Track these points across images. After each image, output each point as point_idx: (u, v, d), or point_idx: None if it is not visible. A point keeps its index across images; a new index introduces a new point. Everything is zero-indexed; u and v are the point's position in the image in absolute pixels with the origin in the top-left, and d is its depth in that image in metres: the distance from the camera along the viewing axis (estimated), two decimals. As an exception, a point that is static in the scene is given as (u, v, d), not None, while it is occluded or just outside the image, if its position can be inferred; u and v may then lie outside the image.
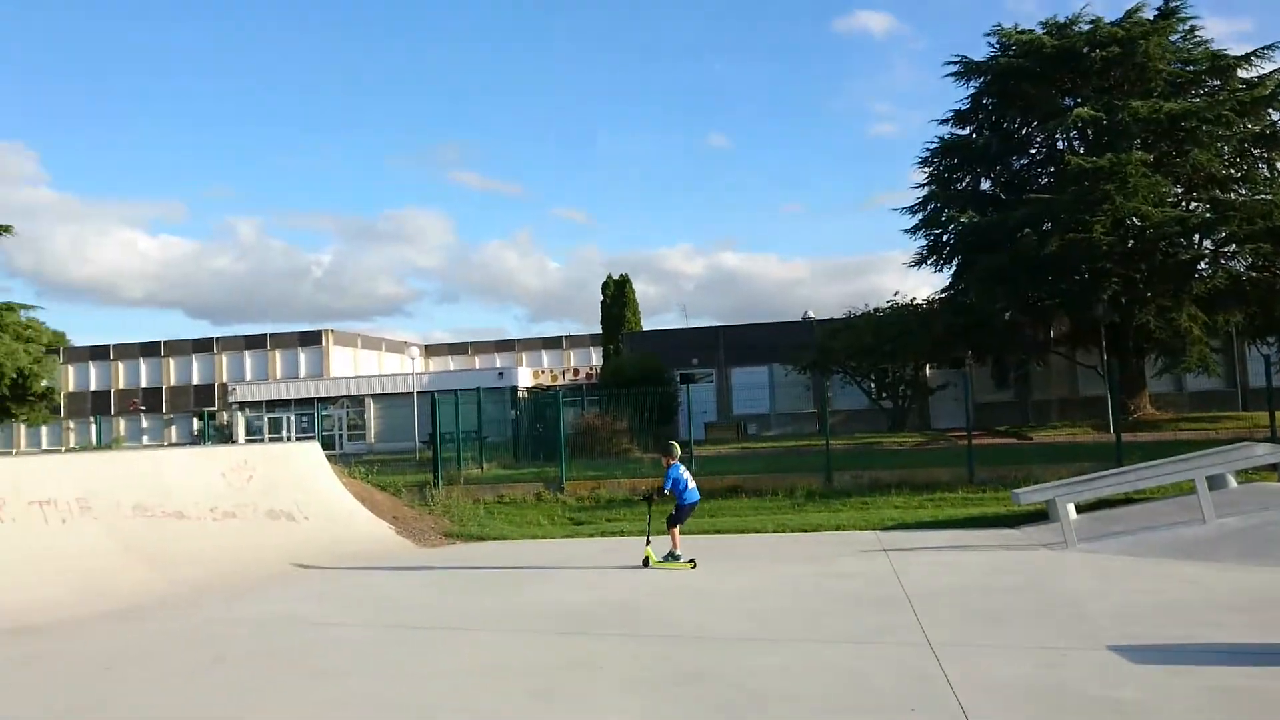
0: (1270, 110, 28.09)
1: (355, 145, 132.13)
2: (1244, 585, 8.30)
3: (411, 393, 40.45)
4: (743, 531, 13.74)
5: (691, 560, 10.45)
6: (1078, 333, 30.44)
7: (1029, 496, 12.55)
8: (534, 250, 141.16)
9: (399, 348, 62.56)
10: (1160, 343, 28.06)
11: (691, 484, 10.85)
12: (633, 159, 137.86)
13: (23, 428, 51.43)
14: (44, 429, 52.94)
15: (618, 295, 45.28)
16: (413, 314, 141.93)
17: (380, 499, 16.06)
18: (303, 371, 55.48)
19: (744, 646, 6.95)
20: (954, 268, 32.78)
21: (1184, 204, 28.56)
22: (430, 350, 67.85)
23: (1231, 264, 28.36)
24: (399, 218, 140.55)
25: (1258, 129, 28.06)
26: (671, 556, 10.53)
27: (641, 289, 45.15)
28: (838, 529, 13.48)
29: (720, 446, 28.36)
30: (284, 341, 57.18)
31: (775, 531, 13.59)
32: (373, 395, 48.46)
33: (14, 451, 49.40)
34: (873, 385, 34.66)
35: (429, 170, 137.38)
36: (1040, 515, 12.84)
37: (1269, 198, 26.92)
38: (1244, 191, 28.35)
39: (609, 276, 45.98)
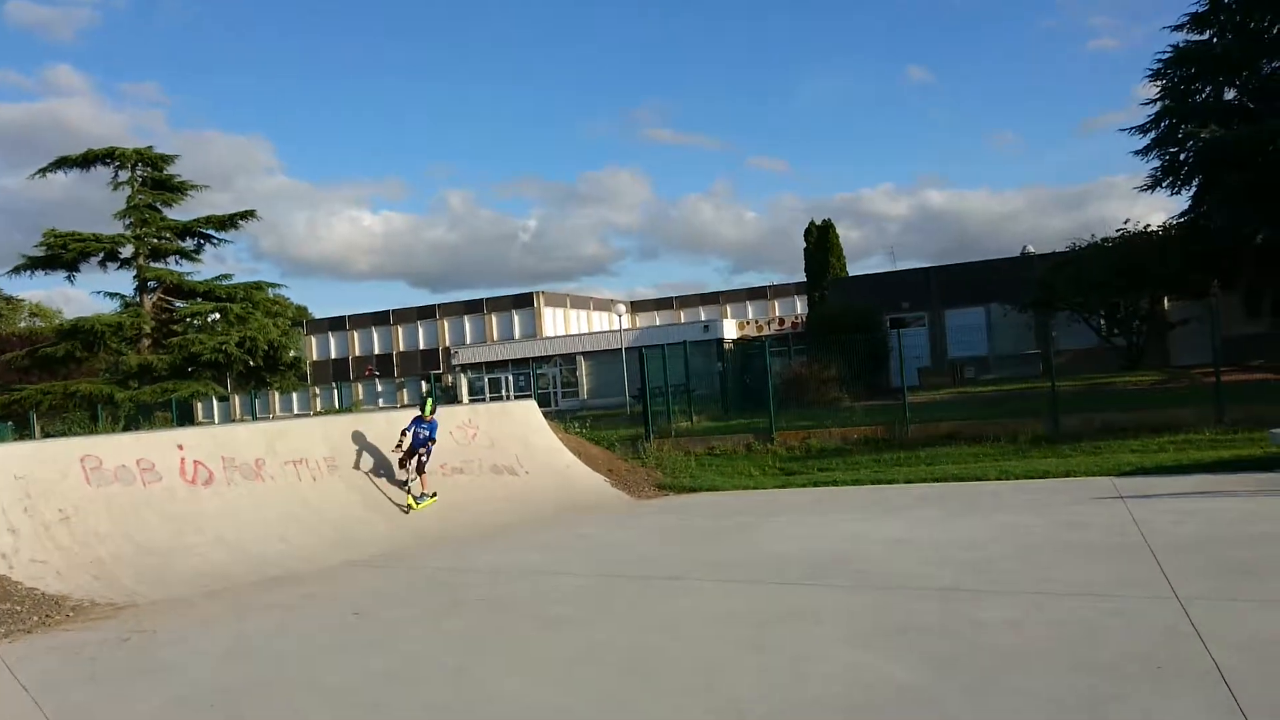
0: None
1: (551, 111, 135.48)
2: None
3: (620, 349, 41.33)
4: (961, 479, 13.19)
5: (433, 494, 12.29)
6: (1348, 252, 27.07)
7: (1291, 436, 11.29)
8: (731, 202, 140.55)
9: (606, 306, 64.01)
10: None
11: (417, 434, 12.19)
12: (829, 101, 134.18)
13: (275, 395, 56.53)
14: (293, 395, 58.00)
15: (821, 241, 44.19)
16: (616, 272, 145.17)
17: (595, 453, 16.53)
18: (517, 333, 57.85)
19: (965, 598, 6.65)
20: (1194, 189, 29.80)
21: None
22: (636, 306, 69.04)
23: None
24: (597, 179, 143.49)
25: None
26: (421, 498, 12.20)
27: (844, 234, 43.85)
28: (1067, 475, 12.69)
29: (935, 392, 27.29)
30: (499, 305, 59.77)
31: (998, 479, 12.96)
32: (583, 353, 49.88)
33: (270, 416, 54.44)
34: (1103, 322, 32.24)
35: (624, 130, 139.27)
36: (1305, 457, 11.57)
37: None
38: None
39: (811, 222, 44.93)
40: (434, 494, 12.25)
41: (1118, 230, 32.27)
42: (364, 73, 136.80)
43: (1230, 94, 29.52)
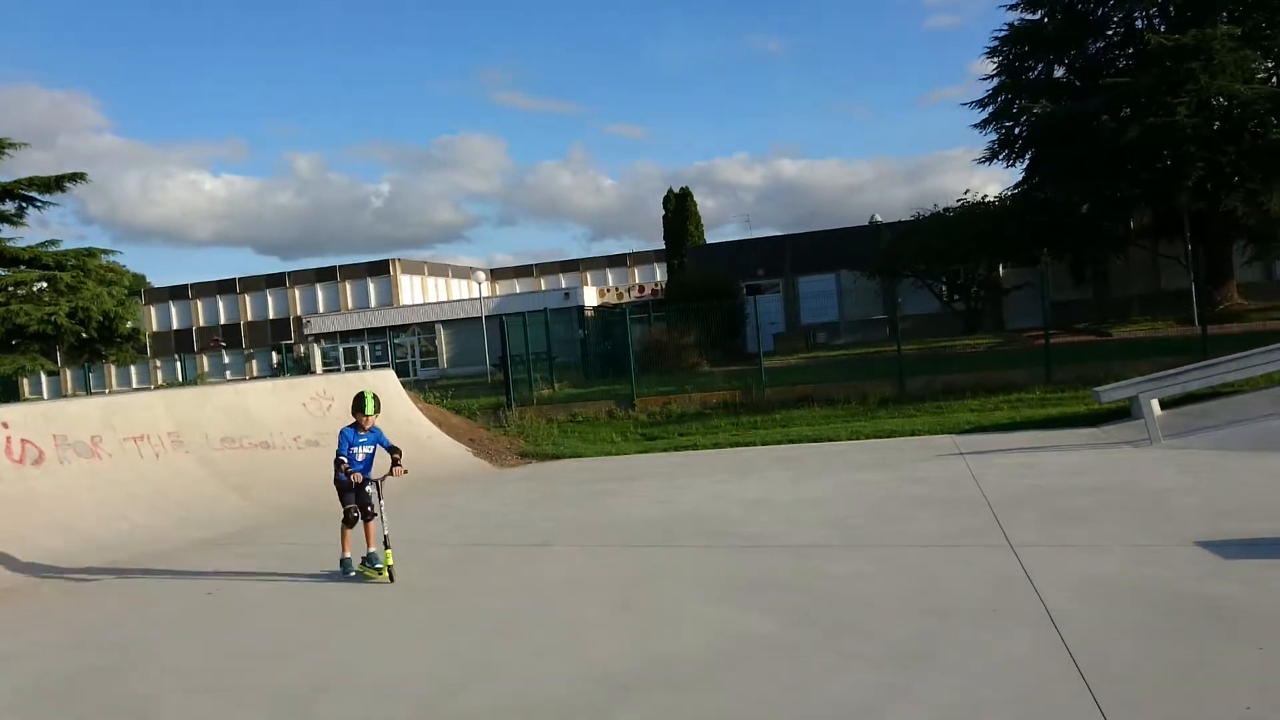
0: (1372, -30, 26.11)
1: (402, 73, 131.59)
2: (1341, 476, 8.01)
3: (480, 317, 40.85)
4: (815, 440, 13.70)
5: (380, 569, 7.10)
6: (1160, 224, 29.21)
7: (1111, 394, 12.21)
8: (588, 168, 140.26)
9: (464, 273, 63.08)
10: (1249, 229, 26.80)
11: (363, 452, 7.24)
12: (682, 69, 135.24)
13: (112, 368, 53.36)
14: (132, 369, 54.87)
15: (679, 209, 44.73)
16: (473, 239, 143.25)
17: (456, 422, 16.35)
18: (373, 301, 56.37)
19: (819, 553, 6.95)
20: (1027, 162, 31.54)
21: (1275, 79, 26.94)
22: (495, 274, 68.27)
23: (1327, 142, 26.78)
24: (451, 144, 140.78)
25: (1357, -7, 26.14)
26: (344, 564, 7.33)
27: (701, 202, 44.49)
28: (912, 434, 13.34)
29: (790, 357, 28.16)
30: (353, 273, 58.05)
31: (849, 439, 13.52)
32: (442, 321, 49.05)
33: (106, 391, 51.41)
34: (944, 288, 33.88)
35: (477, 93, 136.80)
36: (1122, 413, 12.53)
37: (1369, 67, 25.25)
38: (1342, 61, 26.58)
39: (669, 190, 45.39)
40: (376, 561, 7.22)
41: (958, 201, 33.92)
42: (198, 26, 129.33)
43: (1060, 72, 31.25)
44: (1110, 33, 30.06)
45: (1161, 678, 4.11)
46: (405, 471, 7.21)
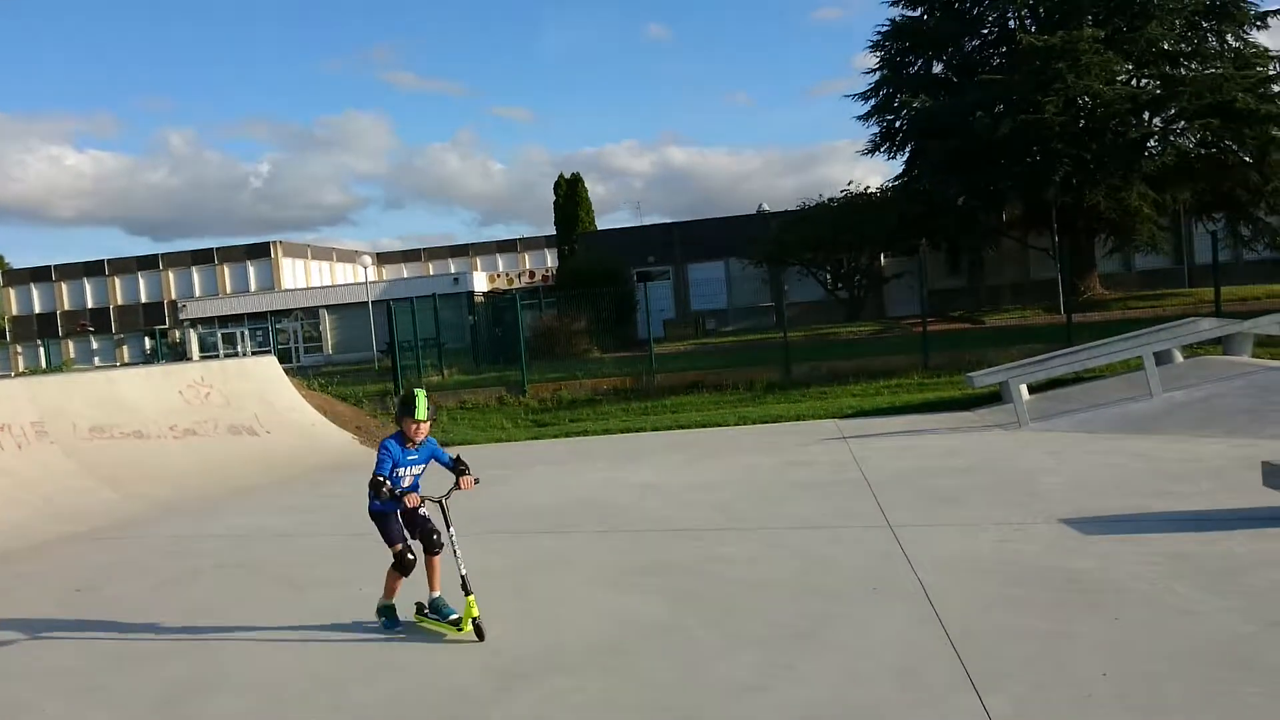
0: (1221, -20, 27.83)
1: (285, 47, 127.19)
2: (1190, 456, 8.59)
3: (366, 302, 39.96)
4: (704, 425, 13.91)
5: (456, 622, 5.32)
6: (1030, 216, 30.59)
7: (983, 379, 12.81)
8: (477, 152, 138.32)
9: (350, 257, 61.56)
10: (1110, 223, 28.32)
11: (410, 474, 5.39)
12: (573, 53, 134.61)
13: (-32, 354, 50.28)
14: (-10, 354, 51.84)
15: (570, 195, 44.60)
16: (358, 222, 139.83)
17: (342, 410, 16.00)
18: (253, 285, 54.50)
19: (709, 536, 7.09)
20: (907, 154, 32.58)
21: (1134, 81, 28.48)
22: (383, 258, 66.86)
23: (1180, 140, 28.45)
24: (336, 123, 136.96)
25: (1209, 1, 27.84)
26: (387, 611, 5.56)
27: (591, 188, 44.42)
28: (798, 419, 13.68)
29: (679, 343, 28.48)
30: (231, 255, 55.97)
31: (737, 424, 13.77)
32: (327, 306, 47.80)
33: (-39, 379, 48.38)
34: (829, 276, 34.77)
35: (361, 72, 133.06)
36: (994, 397, 13.12)
37: (1218, 71, 26.92)
38: (1194, 66, 28.28)
39: (560, 176, 45.20)
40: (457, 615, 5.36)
41: (842, 191, 34.85)
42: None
43: (939, 68, 32.34)
44: (985, 31, 31.26)
45: (1027, 648, 4.36)
46: (476, 481, 5.41)
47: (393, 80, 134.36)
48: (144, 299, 56.14)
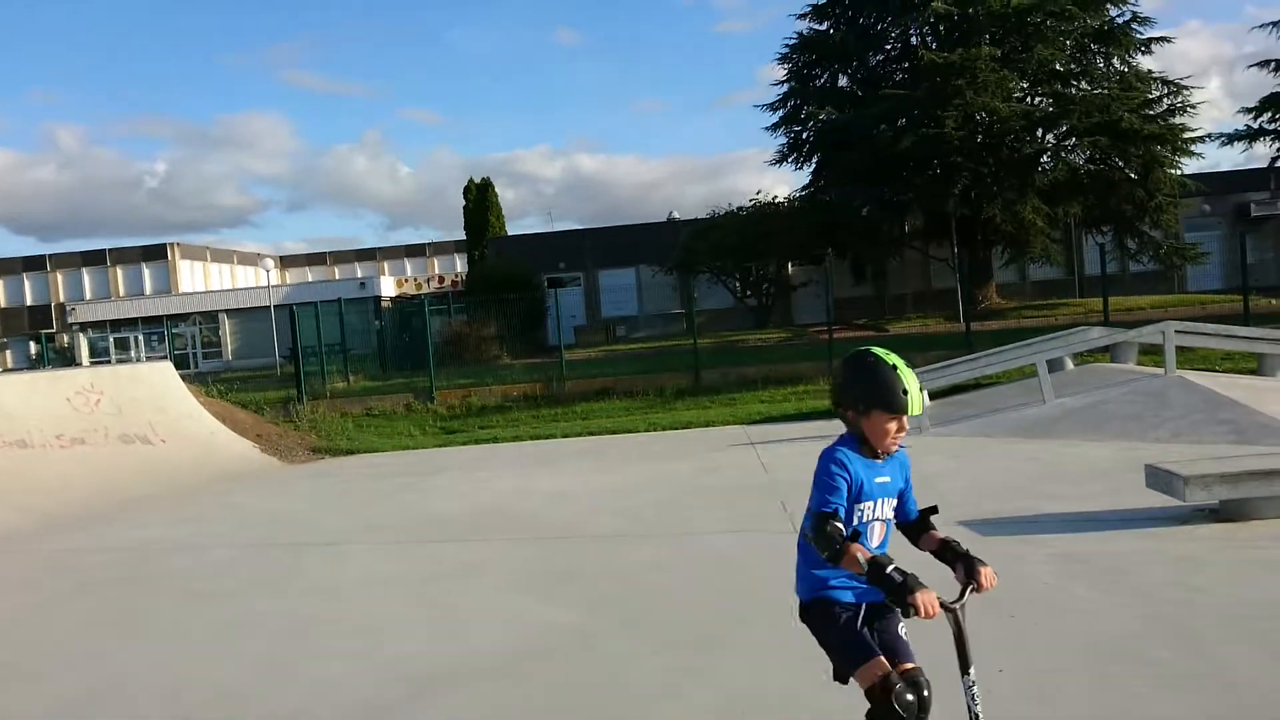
0: (1108, 6, 29.16)
1: (182, 42, 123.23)
2: (1082, 459, 8.95)
3: (269, 306, 38.90)
4: (615, 432, 13.93)
5: None
6: (931, 227, 31.50)
7: (887, 385, 13.09)
8: (384, 154, 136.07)
9: (252, 260, 59.84)
10: (1006, 234, 29.38)
11: (879, 518, 3.11)
12: (483, 57, 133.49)
13: None
14: None
15: (480, 200, 44.21)
16: (261, 224, 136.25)
17: (242, 417, 15.54)
18: (149, 288, 52.49)
19: (619, 543, 7.10)
20: (814, 165, 33.24)
21: (1029, 99, 29.61)
22: (286, 262, 65.21)
23: (1071, 157, 29.71)
24: (236, 122, 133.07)
25: (1097, 24, 29.11)
26: None
27: (501, 193, 44.02)
28: (707, 425, 13.81)
29: (590, 349, 28.47)
30: (126, 257, 53.84)
31: (647, 430, 13.83)
32: (227, 311, 46.35)
33: None
34: (738, 284, 35.22)
35: (264, 71, 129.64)
36: (897, 403, 13.44)
37: (1106, 91, 28.20)
38: (1084, 87, 29.55)
39: (470, 181, 44.78)
40: None
41: (750, 200, 35.36)
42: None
43: (844, 81, 33.09)
44: (889, 47, 32.12)
45: (928, 644, 4.47)
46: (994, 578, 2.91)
47: (295, 80, 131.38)
48: (29, 301, 53.49)
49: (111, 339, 44.62)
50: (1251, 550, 5.63)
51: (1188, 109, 28.46)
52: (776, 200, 35.10)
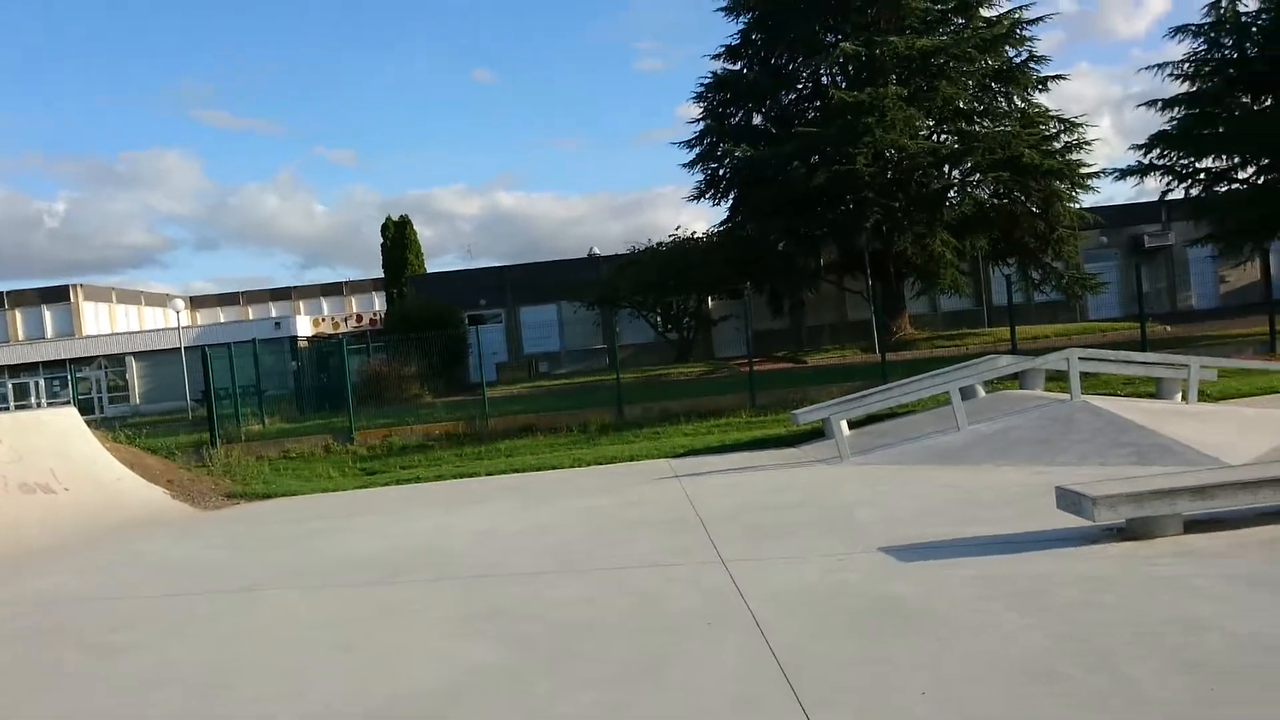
0: (1007, 47, 30.46)
1: (79, 79, 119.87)
2: (995, 484, 9.20)
3: (179, 348, 37.82)
4: (539, 469, 13.85)
5: None
6: (845, 260, 32.27)
7: (806, 416, 13.37)
8: (298, 192, 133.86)
9: (160, 301, 58.11)
10: (917, 267, 30.27)
11: None
12: (398, 96, 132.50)
13: None
14: None
15: (399, 238, 43.82)
16: (169, 264, 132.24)
17: (152, 463, 15.02)
18: (49, 331, 50.57)
19: (544, 580, 7.06)
20: (731, 201, 33.86)
21: (935, 136, 30.65)
22: (197, 302, 63.55)
23: (977, 192, 30.85)
24: (142, 159, 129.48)
25: (997, 65, 30.38)
26: None
27: (420, 231, 43.67)
28: (631, 460, 13.82)
29: (513, 386, 28.33)
30: (24, 299, 51.82)
31: (571, 466, 13.78)
32: (134, 353, 44.89)
33: None
34: (659, 318, 35.51)
35: (170, 108, 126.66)
36: (817, 433, 13.67)
37: (1007, 129, 29.38)
38: (987, 124, 30.74)
39: (388, 218, 44.37)
40: None
41: (670, 236, 35.86)
42: None
43: (758, 119, 33.86)
44: (801, 86, 33.00)
45: (853, 673, 4.55)
46: None
47: (203, 117, 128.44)
48: (-80, 347, 51.10)
49: (10, 385, 42.77)
50: (1156, 567, 5.86)
51: (1083, 145, 29.85)
52: (695, 235, 35.66)
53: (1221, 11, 22.49)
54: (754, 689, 4.46)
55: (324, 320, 51.29)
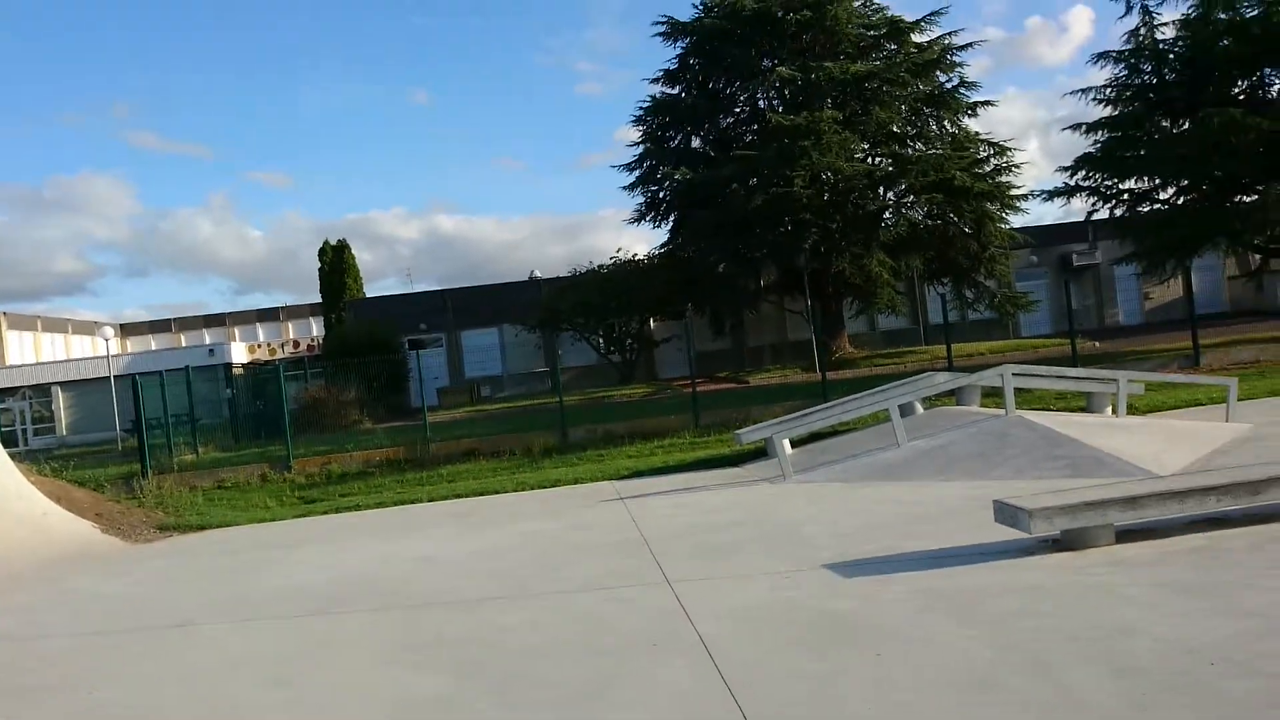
0: (938, 72, 31.21)
1: (8, 100, 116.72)
2: (934, 499, 9.34)
3: (108, 377, 36.82)
4: (482, 493, 13.71)
5: None
6: (784, 281, 32.64)
7: (749, 436, 13.46)
8: (232, 217, 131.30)
9: (89, 329, 56.61)
10: (854, 287, 30.75)
11: None
12: (333, 119, 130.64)
13: None
14: None
15: (336, 262, 43.28)
16: (98, 292, 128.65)
17: (79, 496, 14.56)
18: (-29, 362, 48.90)
19: (490, 606, 6.97)
20: (671, 223, 34.08)
21: (870, 159, 31.23)
22: (127, 330, 61.92)
23: (911, 213, 31.47)
24: (70, 184, 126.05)
25: (929, 90, 31.09)
26: None
27: (358, 255, 43.21)
28: (576, 483, 13.75)
29: (455, 411, 28.06)
30: (-56, 329, 50.08)
31: (515, 490, 13.67)
32: (60, 383, 43.59)
33: None
34: (601, 341, 35.50)
35: (100, 131, 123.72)
36: (760, 452, 13.75)
37: (939, 152, 30.06)
38: (919, 147, 31.41)
39: (326, 242, 43.82)
40: None
41: (611, 258, 35.98)
42: None
43: (697, 142, 34.19)
44: (738, 110, 33.42)
45: (800, 688, 4.56)
46: None
47: (134, 141, 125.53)
48: None
49: (-72, 418, 41.21)
50: (1090, 576, 5.99)
51: (1012, 168, 30.66)
52: (637, 257, 35.79)
53: (1140, 39, 23.29)
54: (702, 709, 4.45)
55: (260, 347, 50.41)
